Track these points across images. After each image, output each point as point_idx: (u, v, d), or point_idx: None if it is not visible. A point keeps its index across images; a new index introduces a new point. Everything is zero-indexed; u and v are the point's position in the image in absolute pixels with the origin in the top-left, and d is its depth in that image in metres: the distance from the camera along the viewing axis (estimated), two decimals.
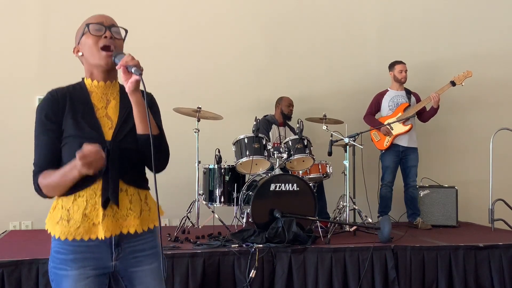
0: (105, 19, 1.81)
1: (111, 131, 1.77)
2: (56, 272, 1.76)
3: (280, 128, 5.42)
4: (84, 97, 1.81)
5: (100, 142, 1.69)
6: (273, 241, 3.94)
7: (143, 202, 1.83)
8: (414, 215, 5.35)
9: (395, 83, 5.42)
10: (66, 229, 1.74)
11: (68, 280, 1.73)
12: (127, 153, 1.76)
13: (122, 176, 1.77)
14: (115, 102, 1.84)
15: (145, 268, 1.82)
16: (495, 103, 6.23)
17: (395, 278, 3.90)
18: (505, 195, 5.22)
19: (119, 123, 1.79)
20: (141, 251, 1.82)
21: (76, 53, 1.84)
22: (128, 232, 1.78)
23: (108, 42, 1.76)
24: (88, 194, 1.74)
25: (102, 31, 1.77)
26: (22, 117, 5.29)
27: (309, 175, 4.91)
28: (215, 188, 4.78)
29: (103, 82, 1.83)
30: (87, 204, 1.74)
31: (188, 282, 3.62)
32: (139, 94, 1.71)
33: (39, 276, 3.42)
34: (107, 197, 1.73)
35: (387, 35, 6.14)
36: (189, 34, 5.71)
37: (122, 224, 1.77)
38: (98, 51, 1.76)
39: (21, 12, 5.37)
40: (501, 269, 4.06)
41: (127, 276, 1.82)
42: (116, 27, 1.81)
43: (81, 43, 1.80)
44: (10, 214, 5.23)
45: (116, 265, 1.79)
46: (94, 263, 1.75)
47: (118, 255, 1.79)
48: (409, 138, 5.30)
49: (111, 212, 1.75)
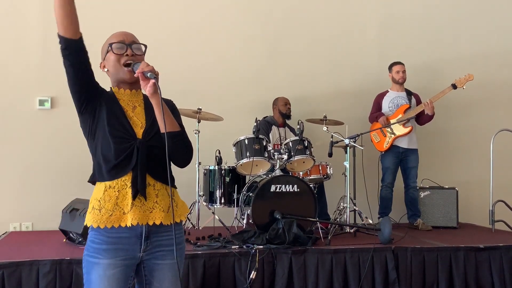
0: (126, 37, 1.99)
1: (142, 130, 1.95)
2: (88, 259, 1.89)
3: (280, 129, 5.42)
4: (114, 99, 1.98)
5: (132, 138, 1.91)
6: (273, 242, 3.93)
7: (170, 198, 1.95)
8: (415, 216, 5.34)
9: (394, 84, 5.42)
10: (98, 217, 1.88)
11: (98, 267, 1.86)
12: (155, 150, 1.92)
13: (150, 172, 1.92)
14: (141, 108, 2.01)
15: (167, 262, 1.94)
16: (495, 104, 6.23)
17: (395, 279, 3.90)
18: (506, 196, 5.22)
19: (148, 123, 1.97)
20: (167, 245, 1.94)
21: (102, 68, 2.03)
22: (154, 223, 1.91)
23: (130, 60, 1.95)
24: (119, 185, 1.89)
25: (123, 49, 1.96)
26: (23, 118, 5.30)
27: (309, 176, 4.90)
28: (215, 189, 4.78)
29: (129, 90, 2.02)
30: (118, 194, 1.89)
31: (188, 283, 3.62)
32: (158, 96, 1.85)
33: (39, 277, 3.42)
34: (137, 189, 1.88)
35: (388, 35, 6.14)
36: (189, 35, 5.71)
37: (148, 215, 1.91)
38: (121, 67, 1.96)
39: (21, 13, 5.37)
40: (502, 271, 4.05)
41: (149, 267, 1.94)
42: (136, 43, 2.00)
43: (106, 59, 1.99)
44: (10, 215, 5.23)
45: (143, 256, 1.92)
46: (124, 254, 1.88)
47: (146, 247, 1.92)
48: (409, 139, 5.30)
49: (139, 203, 1.90)
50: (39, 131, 5.29)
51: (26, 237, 4.74)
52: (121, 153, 1.88)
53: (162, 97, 1.87)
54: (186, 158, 1.98)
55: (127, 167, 1.89)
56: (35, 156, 5.26)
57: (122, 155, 1.88)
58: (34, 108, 5.33)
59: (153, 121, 1.96)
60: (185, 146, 1.96)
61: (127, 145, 1.89)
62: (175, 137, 1.91)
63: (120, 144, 1.89)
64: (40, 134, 5.28)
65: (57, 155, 5.28)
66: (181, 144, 1.94)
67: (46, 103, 5.32)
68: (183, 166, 2.00)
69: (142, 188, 1.89)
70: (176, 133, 1.92)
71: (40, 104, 5.33)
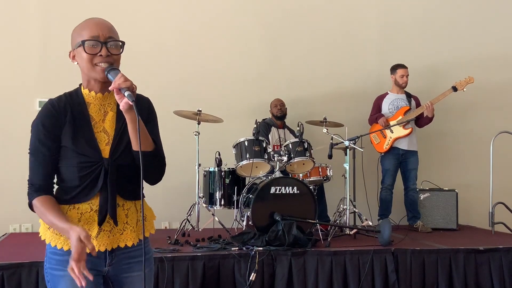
0: (101, 31, 1.72)
1: (108, 148, 1.77)
2: (52, 272, 1.78)
3: (279, 130, 5.42)
4: (82, 108, 1.78)
5: (98, 160, 1.74)
6: (273, 244, 3.93)
7: (139, 213, 1.85)
8: (414, 218, 5.34)
9: (395, 87, 5.42)
10: (57, 237, 1.78)
11: (65, 280, 1.73)
12: (124, 169, 1.77)
13: (120, 192, 1.78)
14: (112, 113, 1.82)
15: (135, 274, 1.84)
16: (495, 106, 6.23)
17: (395, 281, 3.90)
18: (506, 198, 5.22)
19: (115, 138, 1.78)
20: (133, 257, 1.84)
21: (72, 59, 1.79)
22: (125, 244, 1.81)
23: (104, 61, 1.71)
24: (83, 208, 1.76)
25: (97, 48, 1.71)
26: (23, 120, 5.28)
27: (309, 178, 4.90)
28: (215, 191, 4.78)
29: (101, 93, 1.80)
30: (81, 216, 1.76)
31: (188, 285, 3.62)
32: (133, 112, 1.65)
33: (39, 278, 3.43)
34: (104, 215, 1.75)
35: (388, 38, 6.14)
36: (189, 36, 5.72)
37: (119, 238, 1.80)
38: (93, 67, 1.72)
39: (22, 15, 5.38)
40: (502, 273, 4.05)
41: (117, 281, 1.85)
42: (113, 40, 1.73)
43: (77, 53, 1.75)
44: (10, 217, 5.23)
45: (109, 270, 1.82)
46: (90, 265, 1.73)
47: (112, 261, 1.82)
48: (409, 141, 5.29)
49: (107, 227, 1.78)
50: None
51: (26, 239, 4.75)
52: (87, 177, 1.73)
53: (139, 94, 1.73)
54: (157, 177, 1.83)
55: (92, 191, 1.74)
56: None
57: (87, 179, 1.73)
58: (34, 110, 5.32)
59: (121, 135, 1.78)
60: (158, 165, 1.80)
61: (93, 168, 1.73)
62: (148, 156, 1.72)
63: (86, 168, 1.73)
64: None
65: None
66: (153, 163, 1.77)
67: None
68: (154, 183, 1.83)
69: (113, 213, 1.75)
70: (149, 153, 1.73)
71: (40, 105, 5.32)
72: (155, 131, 1.84)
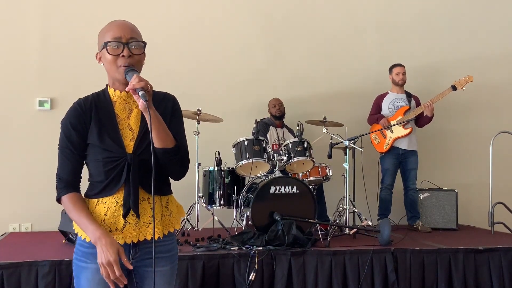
0: (123, 32, 1.80)
1: (132, 143, 1.84)
2: (77, 263, 1.86)
3: (278, 129, 5.42)
4: (108, 107, 1.87)
5: (122, 155, 1.81)
6: (272, 243, 3.94)
7: (164, 208, 1.90)
8: (414, 218, 5.34)
9: (394, 86, 5.43)
10: None
11: (87, 272, 1.82)
12: (147, 164, 1.79)
13: (144, 186, 1.84)
14: (137, 111, 1.88)
15: (157, 270, 1.86)
16: (495, 106, 6.23)
17: (395, 281, 3.90)
18: (505, 198, 5.22)
19: (139, 134, 1.85)
20: (157, 253, 1.86)
21: (99, 60, 1.87)
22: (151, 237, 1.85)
23: (126, 62, 1.78)
24: (109, 202, 1.83)
25: (120, 49, 1.78)
26: (23, 119, 5.30)
27: (309, 178, 4.91)
28: (215, 190, 4.78)
29: (125, 92, 1.86)
30: (107, 210, 1.83)
31: (187, 284, 3.62)
32: (152, 111, 1.73)
33: (39, 278, 3.43)
34: (128, 208, 1.82)
35: (388, 37, 6.14)
36: (189, 36, 5.72)
37: (145, 231, 1.85)
38: (117, 68, 1.80)
39: (22, 14, 5.38)
40: (501, 272, 4.06)
41: (139, 274, 1.89)
42: (135, 40, 1.81)
43: (102, 55, 1.83)
44: (9, 216, 5.23)
45: (132, 263, 1.85)
46: None
47: (135, 255, 1.87)
48: (409, 141, 5.30)
49: (133, 221, 1.84)
50: (39, 132, 5.28)
51: (26, 238, 4.74)
52: (111, 171, 1.81)
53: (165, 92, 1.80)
54: (180, 173, 1.89)
55: (117, 185, 1.82)
56: (34, 157, 5.26)
57: (112, 173, 1.81)
58: (34, 109, 5.33)
59: (145, 131, 1.84)
60: (180, 161, 1.85)
61: (117, 162, 1.81)
62: (169, 153, 1.79)
63: (111, 163, 1.81)
64: (40, 135, 5.28)
65: (56, 156, 5.25)
66: (175, 160, 1.82)
67: (46, 104, 5.32)
68: (177, 179, 1.91)
69: (135, 206, 1.82)
70: (169, 150, 1.79)
71: (40, 105, 5.33)
72: (178, 128, 1.91)
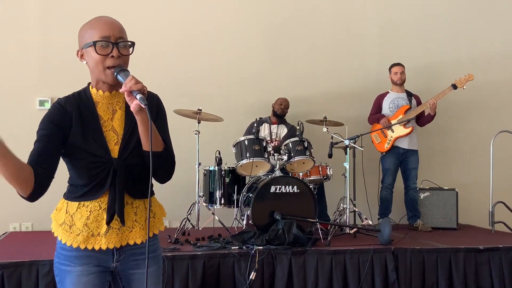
0: (112, 30, 1.70)
1: (117, 147, 1.77)
2: (60, 267, 1.80)
3: (272, 126, 5.39)
4: (90, 108, 1.78)
5: (107, 160, 1.74)
6: (273, 243, 3.94)
7: (143, 211, 1.85)
8: (415, 217, 5.34)
9: (394, 86, 5.43)
10: (67, 234, 1.78)
11: (71, 275, 1.77)
12: (133, 169, 1.77)
13: (128, 191, 1.79)
14: (121, 112, 1.81)
15: (143, 271, 1.82)
16: (495, 105, 6.23)
17: (395, 281, 3.90)
18: (506, 197, 5.22)
19: (124, 138, 1.78)
20: (141, 254, 1.83)
21: (80, 58, 1.78)
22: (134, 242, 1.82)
23: (115, 62, 1.70)
24: (92, 205, 1.77)
25: (109, 49, 1.69)
26: (23, 119, 5.30)
27: (309, 177, 4.90)
28: (215, 190, 4.78)
29: (109, 92, 1.79)
30: (89, 214, 1.77)
31: (188, 284, 3.62)
32: (144, 114, 1.64)
33: (39, 277, 3.43)
34: (112, 213, 1.76)
35: (388, 36, 6.14)
36: (189, 36, 5.71)
37: (128, 236, 1.81)
38: (104, 70, 1.71)
39: (22, 14, 5.38)
40: (502, 272, 4.06)
41: (125, 277, 1.86)
42: (123, 40, 1.72)
43: (86, 53, 1.74)
44: (10, 216, 5.22)
45: (117, 266, 1.83)
46: (96, 261, 1.79)
47: (119, 258, 1.82)
48: (409, 140, 5.30)
49: (116, 225, 1.79)
50: None
51: (26, 238, 4.75)
52: (96, 176, 1.74)
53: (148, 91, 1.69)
54: (167, 176, 1.82)
55: (101, 190, 1.75)
56: None
57: (96, 178, 1.74)
58: (34, 109, 5.33)
59: (130, 134, 1.77)
60: (169, 164, 1.79)
61: (102, 168, 1.74)
62: (159, 157, 1.72)
63: (95, 168, 1.73)
64: None
65: None
66: (164, 163, 1.76)
67: (46, 104, 5.32)
68: (163, 182, 1.83)
69: (121, 212, 1.76)
70: (159, 153, 1.73)
71: (40, 104, 5.33)
72: (164, 129, 1.84)
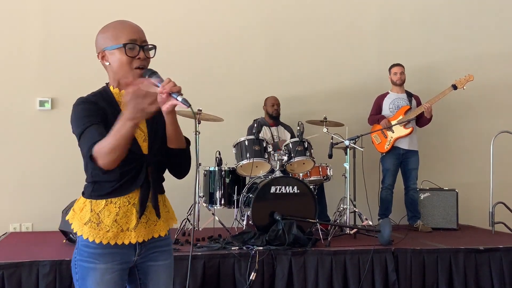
0: (138, 34, 1.81)
1: (145, 144, 1.83)
2: (82, 264, 1.80)
3: (271, 128, 5.39)
4: (115, 106, 1.81)
5: (139, 155, 1.80)
6: (273, 243, 3.94)
7: (162, 205, 1.93)
8: (415, 218, 5.34)
9: (394, 86, 5.43)
10: (96, 231, 1.78)
11: (95, 272, 1.79)
12: (160, 165, 1.87)
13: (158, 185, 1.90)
14: None
15: (160, 263, 1.92)
16: (495, 105, 6.23)
17: (395, 281, 3.90)
18: (506, 198, 5.22)
19: (150, 135, 1.85)
20: (159, 247, 1.92)
21: (102, 59, 1.82)
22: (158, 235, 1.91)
23: (143, 64, 1.79)
24: (121, 202, 1.80)
25: (135, 51, 1.78)
26: (23, 119, 5.30)
27: (309, 178, 4.90)
28: (215, 190, 4.78)
29: None
30: (118, 210, 1.80)
31: (188, 284, 3.61)
32: (174, 114, 1.76)
33: (39, 278, 3.43)
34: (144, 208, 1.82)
35: (388, 37, 6.13)
36: (189, 36, 5.71)
37: (153, 229, 1.89)
38: (131, 71, 1.78)
39: (22, 14, 5.37)
40: (502, 272, 4.06)
41: (143, 269, 1.91)
42: (147, 44, 1.83)
43: (111, 55, 1.79)
44: (10, 216, 5.23)
45: (137, 260, 1.88)
46: (121, 258, 1.82)
47: (141, 252, 1.88)
48: (409, 141, 5.30)
49: (144, 220, 1.85)
50: (39, 131, 5.29)
51: (26, 238, 4.75)
52: (128, 172, 1.77)
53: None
54: (186, 171, 1.94)
55: (133, 185, 1.79)
56: (35, 157, 5.26)
57: (129, 174, 1.78)
58: (35, 109, 5.33)
59: (155, 132, 1.85)
60: (189, 160, 1.92)
61: (135, 163, 1.78)
62: (184, 153, 1.87)
63: (129, 163, 1.74)
64: (40, 134, 5.28)
65: (57, 155, 5.27)
66: (185, 159, 1.90)
67: (47, 104, 5.32)
68: (182, 177, 1.96)
69: (156, 206, 1.86)
70: (183, 150, 1.87)
71: (40, 105, 5.33)
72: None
